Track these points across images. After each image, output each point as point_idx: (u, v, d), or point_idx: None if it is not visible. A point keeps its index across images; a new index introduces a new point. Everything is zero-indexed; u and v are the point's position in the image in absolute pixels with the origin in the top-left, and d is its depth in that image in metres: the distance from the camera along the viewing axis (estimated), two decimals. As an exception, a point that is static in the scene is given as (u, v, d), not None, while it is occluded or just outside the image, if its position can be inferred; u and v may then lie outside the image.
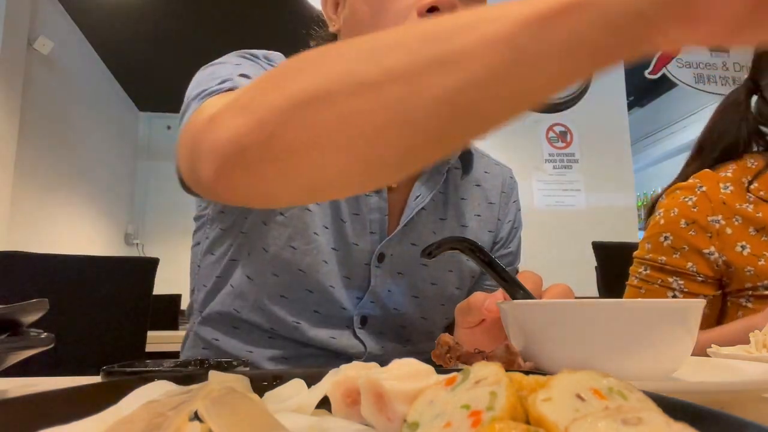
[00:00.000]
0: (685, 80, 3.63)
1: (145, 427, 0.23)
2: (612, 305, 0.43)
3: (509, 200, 0.89)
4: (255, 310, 0.73)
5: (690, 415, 0.22)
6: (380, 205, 0.75)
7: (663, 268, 0.94)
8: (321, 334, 0.73)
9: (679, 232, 0.94)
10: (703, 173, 0.99)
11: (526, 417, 0.22)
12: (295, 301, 0.72)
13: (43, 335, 0.41)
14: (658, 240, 0.96)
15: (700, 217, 0.93)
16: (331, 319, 0.74)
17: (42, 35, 3.43)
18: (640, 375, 0.41)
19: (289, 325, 0.72)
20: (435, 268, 0.78)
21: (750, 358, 0.55)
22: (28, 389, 0.34)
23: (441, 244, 0.53)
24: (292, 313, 0.72)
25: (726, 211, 0.92)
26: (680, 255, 0.93)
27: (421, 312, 0.78)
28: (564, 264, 2.95)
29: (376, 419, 0.27)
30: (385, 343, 0.76)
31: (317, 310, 0.73)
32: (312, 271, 0.71)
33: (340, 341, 0.74)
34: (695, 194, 0.96)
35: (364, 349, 0.74)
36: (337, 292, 0.73)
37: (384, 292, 0.75)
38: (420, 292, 0.78)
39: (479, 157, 0.88)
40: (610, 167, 3.25)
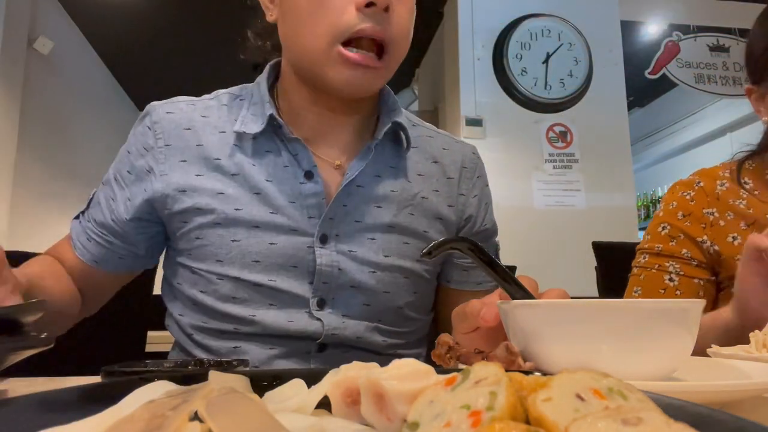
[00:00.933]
0: (685, 80, 3.63)
1: (145, 427, 0.23)
2: (612, 305, 0.43)
3: (473, 175, 0.89)
4: (215, 318, 0.77)
5: (690, 415, 0.22)
6: (315, 190, 0.75)
7: (660, 254, 1.01)
8: (279, 320, 0.75)
9: (675, 222, 1.01)
10: (702, 171, 1.06)
11: (526, 417, 0.22)
12: (248, 300, 0.75)
13: (43, 335, 0.41)
14: (657, 230, 1.03)
15: (696, 210, 1.00)
16: (287, 308, 0.76)
17: (42, 35, 3.43)
18: (640, 375, 0.41)
19: (247, 320, 0.75)
20: (387, 241, 0.78)
21: (750, 358, 0.55)
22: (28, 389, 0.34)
23: (441, 244, 0.53)
24: (248, 310, 0.75)
25: (720, 205, 0.99)
26: (676, 242, 1.00)
27: (381, 287, 0.78)
28: (564, 264, 2.95)
29: (376, 419, 0.27)
30: (348, 320, 0.77)
31: (271, 302, 0.75)
32: (246, 273, 0.75)
33: (298, 324, 0.75)
34: (693, 189, 1.02)
35: (321, 326, 0.75)
36: (283, 283, 0.75)
37: (334, 271, 0.75)
38: (376, 266, 0.77)
39: (437, 135, 0.90)
40: (610, 167, 3.24)
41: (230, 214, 0.75)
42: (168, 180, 0.77)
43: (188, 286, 0.79)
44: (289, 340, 0.76)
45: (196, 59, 4.59)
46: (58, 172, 3.79)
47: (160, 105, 0.82)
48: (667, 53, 3.62)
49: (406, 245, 0.80)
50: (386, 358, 0.76)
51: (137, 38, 4.33)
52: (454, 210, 0.86)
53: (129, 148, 0.81)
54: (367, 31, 0.68)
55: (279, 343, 0.76)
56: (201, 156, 0.77)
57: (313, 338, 0.76)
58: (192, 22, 4.12)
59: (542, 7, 3.36)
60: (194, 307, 0.79)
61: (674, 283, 0.98)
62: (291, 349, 0.76)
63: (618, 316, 0.42)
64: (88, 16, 4.01)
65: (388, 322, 0.80)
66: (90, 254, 0.81)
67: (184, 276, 0.79)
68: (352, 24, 0.68)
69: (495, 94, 3.25)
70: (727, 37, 3.71)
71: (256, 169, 0.76)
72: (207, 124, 0.79)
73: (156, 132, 0.79)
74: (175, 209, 0.76)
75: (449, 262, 0.88)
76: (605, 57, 3.36)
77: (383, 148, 0.81)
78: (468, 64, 3.26)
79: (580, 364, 0.41)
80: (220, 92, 0.85)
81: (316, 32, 0.69)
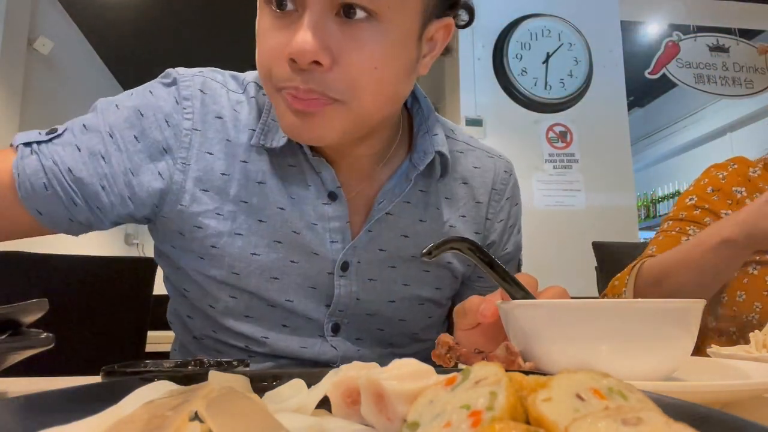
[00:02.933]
0: (685, 80, 3.63)
1: (145, 427, 0.23)
2: (612, 305, 0.43)
3: (502, 197, 0.82)
4: (226, 332, 0.73)
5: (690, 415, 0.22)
6: (339, 213, 0.71)
7: (683, 219, 1.06)
8: (291, 344, 0.72)
9: (704, 195, 1.07)
10: (738, 158, 1.13)
11: (526, 417, 0.22)
12: (260, 318, 0.72)
13: (43, 335, 0.41)
14: (684, 201, 1.09)
15: (726, 187, 1.06)
16: (300, 330, 0.73)
17: (42, 35, 3.43)
18: (640, 375, 0.41)
19: (259, 341, 0.72)
20: (408, 269, 0.75)
21: (750, 358, 0.55)
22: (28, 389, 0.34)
23: (441, 244, 0.53)
24: (260, 330, 0.72)
25: (750, 186, 1.05)
26: (700, 211, 1.05)
27: (398, 314, 0.76)
28: (564, 264, 2.95)
29: (376, 419, 0.27)
30: (363, 347, 0.75)
31: (285, 324, 0.72)
32: (262, 290, 0.70)
33: (312, 350, 0.73)
34: (727, 170, 1.09)
35: (336, 354, 0.73)
36: (299, 305, 0.71)
37: (352, 301, 0.73)
38: (395, 295, 0.75)
39: (469, 150, 0.81)
40: (610, 167, 3.24)
41: (253, 225, 0.69)
42: (190, 172, 0.67)
43: (197, 296, 0.73)
44: (302, 365, 0.73)
45: (196, 59, 4.58)
46: (58, 172, 3.79)
47: (191, 77, 0.70)
48: (667, 53, 3.61)
49: (426, 273, 0.77)
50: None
51: (137, 38, 4.33)
52: (480, 237, 0.81)
53: (142, 108, 0.68)
54: (293, 90, 0.58)
55: (291, 365, 0.73)
56: (229, 153, 0.68)
57: (327, 365, 0.73)
58: (192, 22, 4.12)
59: (542, 7, 3.35)
60: (204, 317, 0.74)
61: None
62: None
63: (618, 316, 0.42)
64: (88, 16, 4.01)
65: (401, 345, 0.78)
66: (36, 202, 0.64)
67: (191, 283, 0.73)
68: (283, 79, 0.58)
69: (495, 94, 3.25)
70: (727, 37, 3.71)
71: (280, 184, 0.69)
72: (237, 120, 0.70)
73: (185, 109, 0.68)
74: (193, 209, 0.67)
75: (467, 286, 0.84)
76: (605, 57, 3.36)
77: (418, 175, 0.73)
78: (468, 64, 3.26)
79: (580, 364, 0.41)
80: (248, 80, 0.73)
81: (264, 80, 0.62)
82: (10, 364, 0.41)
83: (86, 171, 0.65)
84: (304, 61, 0.55)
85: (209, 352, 0.75)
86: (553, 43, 3.32)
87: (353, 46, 0.57)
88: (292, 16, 0.57)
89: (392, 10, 0.57)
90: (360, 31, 0.57)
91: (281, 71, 0.58)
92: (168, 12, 3.99)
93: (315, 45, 0.55)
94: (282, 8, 0.57)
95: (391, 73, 0.61)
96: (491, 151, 0.85)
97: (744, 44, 3.70)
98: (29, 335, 0.41)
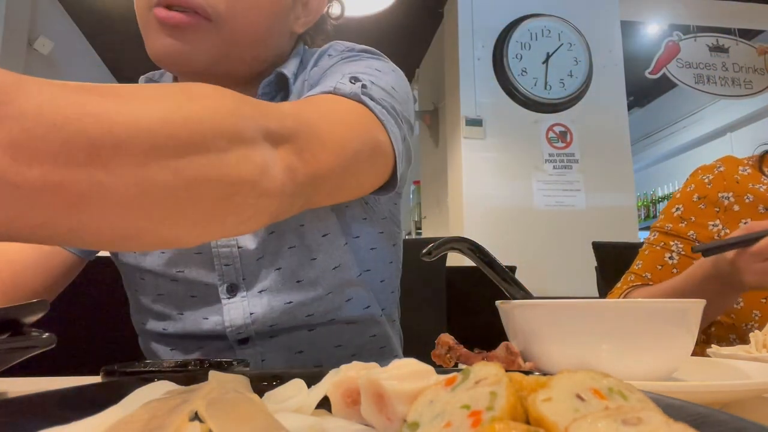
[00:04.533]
0: (685, 80, 3.63)
1: (145, 427, 0.23)
2: (612, 305, 0.43)
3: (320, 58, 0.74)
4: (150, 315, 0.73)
5: (690, 415, 0.22)
6: None
7: (668, 233, 1.05)
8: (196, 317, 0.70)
9: (690, 205, 1.05)
10: (726, 157, 1.10)
11: (526, 417, 0.22)
12: (169, 295, 0.71)
13: (44, 335, 0.41)
14: (671, 211, 1.07)
15: (712, 193, 1.03)
16: (204, 301, 0.69)
17: (42, 35, 3.43)
18: (640, 375, 0.41)
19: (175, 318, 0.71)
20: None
21: (750, 358, 0.55)
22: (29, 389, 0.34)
23: (441, 244, 0.53)
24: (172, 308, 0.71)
25: (738, 189, 1.02)
26: (686, 224, 1.04)
27: (290, 242, 0.70)
28: (564, 264, 2.95)
29: (376, 419, 0.27)
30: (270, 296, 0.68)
31: (192, 294, 0.70)
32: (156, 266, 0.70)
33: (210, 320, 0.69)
34: (713, 173, 1.06)
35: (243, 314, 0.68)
36: (190, 274, 0.69)
37: (233, 251, 0.68)
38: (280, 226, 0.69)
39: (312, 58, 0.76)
40: (610, 167, 3.24)
41: None
42: None
43: (132, 288, 0.74)
44: (208, 339, 0.70)
45: (196, 59, 4.58)
46: (58, 172, 3.79)
47: None
48: (667, 53, 3.61)
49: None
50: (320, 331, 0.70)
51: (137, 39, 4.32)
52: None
53: None
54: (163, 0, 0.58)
55: (197, 345, 0.71)
56: None
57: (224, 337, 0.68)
58: (192, 22, 4.12)
59: (542, 7, 3.35)
60: (140, 309, 0.75)
61: (673, 261, 1.02)
62: (210, 349, 0.70)
63: (618, 316, 0.42)
64: (88, 16, 4.01)
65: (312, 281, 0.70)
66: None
67: (124, 274, 0.75)
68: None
69: (495, 94, 3.25)
70: (726, 37, 3.71)
71: None
72: None
73: None
74: None
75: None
76: (605, 57, 3.36)
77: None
78: (468, 64, 3.26)
79: (580, 364, 0.41)
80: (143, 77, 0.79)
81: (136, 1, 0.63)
82: (12, 364, 0.41)
83: None
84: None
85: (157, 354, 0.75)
86: (553, 43, 3.32)
87: None
88: None
89: None
90: None
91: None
92: (168, 12, 4.00)
93: None
94: None
95: (265, 5, 0.63)
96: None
97: (744, 44, 3.70)
98: (31, 335, 0.41)
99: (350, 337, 0.74)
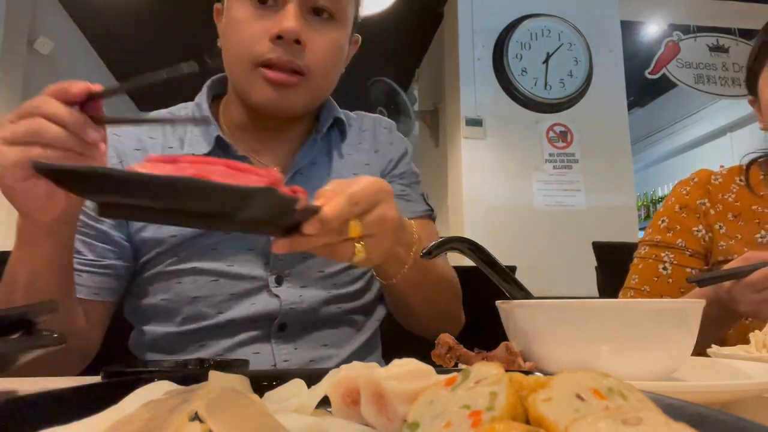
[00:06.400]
0: (685, 80, 3.62)
1: (145, 427, 0.23)
2: (612, 305, 0.43)
3: (387, 143, 0.93)
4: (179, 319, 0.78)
5: (690, 415, 0.22)
6: None
7: (657, 244, 1.09)
8: (242, 307, 0.77)
9: (673, 215, 1.10)
10: (700, 171, 1.16)
11: (526, 417, 0.22)
12: (209, 296, 0.77)
13: (56, 334, 0.41)
14: (657, 223, 1.12)
15: (691, 201, 1.10)
16: (247, 292, 0.78)
17: (42, 35, 3.42)
18: (640, 375, 0.41)
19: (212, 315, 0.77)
20: None
21: (750, 358, 0.55)
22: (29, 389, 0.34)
23: (441, 244, 0.53)
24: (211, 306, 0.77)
25: (711, 198, 1.09)
26: (673, 233, 1.08)
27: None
28: (564, 264, 2.95)
29: (376, 419, 0.27)
30: (305, 291, 0.79)
31: (232, 293, 0.77)
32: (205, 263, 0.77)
33: (258, 305, 0.77)
34: (689, 185, 1.13)
35: (279, 305, 0.77)
36: (241, 267, 0.77)
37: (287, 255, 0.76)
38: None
39: (356, 119, 0.95)
40: (610, 167, 3.24)
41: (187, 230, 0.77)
42: None
43: (151, 296, 0.79)
44: (250, 324, 0.78)
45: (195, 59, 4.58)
46: (58, 172, 3.78)
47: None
48: (668, 53, 3.61)
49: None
50: (345, 329, 0.83)
51: (137, 38, 4.33)
52: (381, 175, 0.90)
53: None
54: (274, 60, 0.74)
55: (241, 330, 0.78)
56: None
57: (273, 317, 0.78)
58: (192, 22, 4.12)
59: (542, 7, 3.35)
60: (158, 318, 0.79)
61: (667, 272, 1.05)
62: (252, 335, 0.78)
63: (618, 316, 0.42)
64: (88, 16, 4.01)
65: (341, 284, 0.82)
66: (86, 288, 0.75)
67: (143, 286, 0.80)
68: (264, 53, 0.74)
69: (495, 94, 3.25)
70: (727, 37, 3.71)
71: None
72: (156, 144, 0.83)
73: (110, 155, 0.80)
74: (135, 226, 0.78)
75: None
76: (605, 57, 3.36)
77: (323, 143, 0.87)
78: (468, 64, 3.26)
79: (580, 364, 0.42)
80: (161, 113, 0.88)
81: (239, 59, 0.77)
82: (24, 362, 0.42)
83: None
84: (290, 37, 0.73)
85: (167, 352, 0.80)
86: (553, 43, 3.32)
87: (320, 36, 0.77)
88: (270, 9, 0.75)
89: (342, 16, 0.79)
90: (324, 26, 0.78)
91: (263, 47, 0.74)
92: (168, 12, 4.00)
93: (298, 27, 0.74)
94: (263, 3, 0.76)
95: (339, 61, 0.82)
96: (371, 114, 0.99)
97: (744, 44, 3.70)
98: (42, 334, 0.42)
99: (373, 334, 0.88)
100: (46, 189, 0.54)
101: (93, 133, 0.54)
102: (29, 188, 0.53)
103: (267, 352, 0.77)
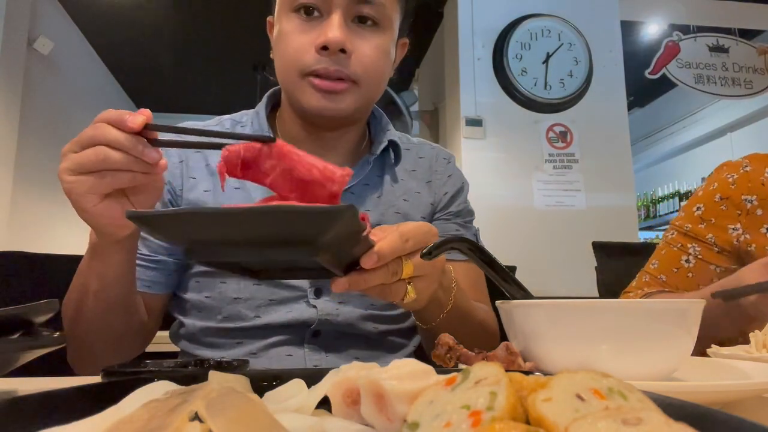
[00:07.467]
0: (685, 80, 3.62)
1: (145, 427, 0.23)
2: (612, 305, 0.43)
3: (443, 175, 0.95)
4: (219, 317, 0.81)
5: (690, 416, 0.22)
6: None
7: (687, 234, 1.02)
8: (279, 313, 0.80)
9: (711, 205, 1.01)
10: (753, 155, 1.04)
11: (526, 417, 0.22)
12: (249, 299, 0.80)
13: (56, 334, 0.42)
14: (691, 209, 1.03)
15: (735, 195, 0.99)
16: (287, 299, 0.80)
17: (42, 35, 3.42)
18: (640, 375, 0.41)
19: (251, 318, 0.80)
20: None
21: (750, 358, 0.55)
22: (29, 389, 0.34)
23: (441, 244, 0.53)
24: (251, 311, 0.80)
25: (763, 192, 0.97)
26: (705, 226, 1.00)
27: None
28: (564, 264, 2.95)
29: (376, 419, 0.27)
30: (342, 307, 0.81)
31: (272, 299, 0.80)
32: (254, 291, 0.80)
33: (295, 312, 0.80)
34: (738, 173, 1.01)
35: (315, 314, 0.80)
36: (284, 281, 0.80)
37: None
38: None
39: (413, 146, 0.97)
40: (610, 167, 3.24)
41: None
42: (183, 198, 0.84)
43: (195, 293, 0.83)
44: (286, 329, 0.80)
45: (196, 59, 4.59)
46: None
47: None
48: (668, 53, 3.61)
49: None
50: (379, 348, 0.85)
51: (137, 38, 4.33)
52: (433, 207, 0.92)
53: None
54: (320, 71, 0.76)
55: (276, 333, 0.80)
56: (210, 173, 0.84)
57: (308, 324, 0.80)
58: (192, 21, 4.12)
59: (542, 7, 3.35)
60: (200, 314, 0.83)
61: (689, 265, 0.99)
62: (286, 338, 0.80)
63: (618, 316, 0.42)
64: (88, 16, 4.01)
65: (381, 307, 0.84)
66: (140, 280, 0.80)
67: (190, 282, 0.84)
68: (311, 64, 0.76)
69: (495, 94, 3.24)
70: (726, 37, 3.71)
71: (260, 189, 0.81)
72: (199, 158, 0.85)
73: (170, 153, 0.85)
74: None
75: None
76: (605, 57, 3.36)
77: (376, 163, 0.89)
78: (468, 64, 3.26)
79: (580, 364, 0.41)
80: (223, 118, 0.92)
81: (288, 69, 0.79)
82: (24, 362, 0.42)
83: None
84: (335, 47, 0.75)
85: (207, 345, 0.82)
86: (553, 43, 3.32)
87: (365, 43, 0.78)
88: (316, 21, 0.77)
89: (387, 23, 0.80)
90: (369, 34, 0.79)
91: (310, 58, 0.76)
92: (168, 12, 3.99)
93: (343, 37, 0.75)
94: (310, 15, 0.78)
95: (386, 66, 0.83)
96: (432, 144, 1.01)
97: (744, 44, 3.70)
98: (42, 334, 0.42)
99: (403, 349, 0.88)
100: (119, 210, 0.59)
101: (152, 153, 0.56)
102: (103, 210, 0.58)
103: (299, 356, 0.80)
